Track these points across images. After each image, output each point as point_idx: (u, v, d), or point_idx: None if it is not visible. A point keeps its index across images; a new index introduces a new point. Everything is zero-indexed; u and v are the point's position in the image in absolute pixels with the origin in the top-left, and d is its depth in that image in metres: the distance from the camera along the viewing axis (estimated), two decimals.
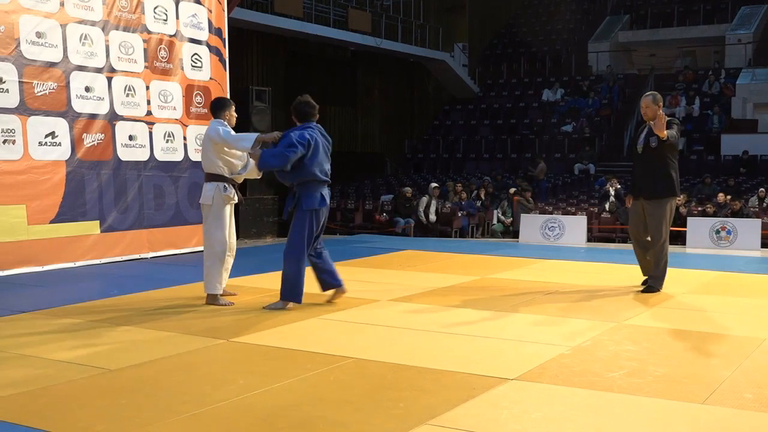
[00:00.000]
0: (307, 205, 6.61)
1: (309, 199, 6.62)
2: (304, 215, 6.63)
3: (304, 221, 6.63)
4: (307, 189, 6.62)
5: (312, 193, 6.62)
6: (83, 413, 4.02)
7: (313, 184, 6.63)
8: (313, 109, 6.86)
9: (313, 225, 6.68)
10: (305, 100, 6.88)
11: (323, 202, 6.69)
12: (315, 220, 6.68)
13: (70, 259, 9.37)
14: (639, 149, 7.75)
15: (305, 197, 6.62)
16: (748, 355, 5.21)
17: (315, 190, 6.64)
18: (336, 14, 24.04)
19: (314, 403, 4.18)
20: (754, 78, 25.13)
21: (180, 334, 5.79)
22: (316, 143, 6.64)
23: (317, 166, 6.63)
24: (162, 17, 10.63)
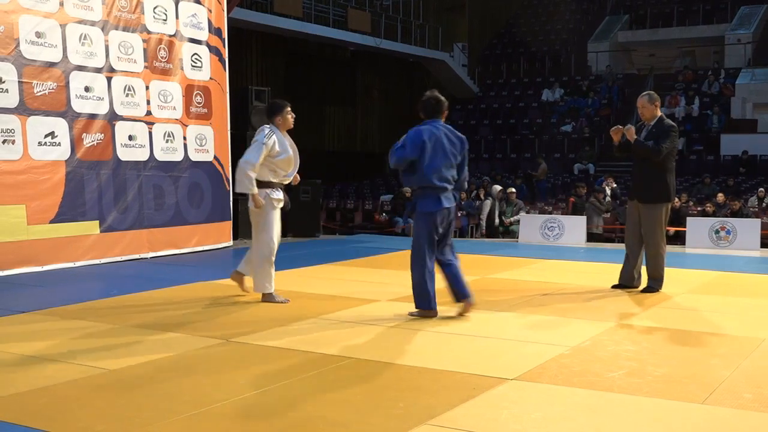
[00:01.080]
0: (422, 208, 6.26)
1: (425, 201, 6.25)
2: (420, 218, 6.27)
3: (421, 225, 6.27)
4: (424, 192, 6.27)
5: (429, 196, 6.23)
6: (83, 413, 4.03)
7: (430, 190, 6.24)
8: (440, 106, 6.44)
9: (431, 228, 6.24)
10: (434, 96, 6.47)
11: (439, 204, 6.24)
12: (433, 224, 6.23)
13: (70, 259, 9.37)
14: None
15: (421, 199, 6.27)
16: (747, 355, 5.22)
17: (432, 193, 6.24)
18: (335, 14, 24.04)
19: (314, 403, 4.18)
20: (753, 78, 25.14)
21: (180, 334, 5.79)
22: (434, 145, 6.20)
23: (435, 173, 6.21)
24: (162, 17, 10.63)
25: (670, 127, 7.64)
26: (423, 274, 6.27)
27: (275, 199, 6.96)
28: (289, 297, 7.34)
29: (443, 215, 6.28)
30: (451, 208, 6.35)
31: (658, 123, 7.70)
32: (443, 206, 6.25)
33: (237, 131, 12.25)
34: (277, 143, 6.87)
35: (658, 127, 7.66)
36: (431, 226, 6.23)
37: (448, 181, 6.28)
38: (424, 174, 6.19)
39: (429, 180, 6.19)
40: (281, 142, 6.92)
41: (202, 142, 11.22)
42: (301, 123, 26.68)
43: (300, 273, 9.01)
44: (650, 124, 7.73)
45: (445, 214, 6.29)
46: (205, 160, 11.28)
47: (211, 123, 11.41)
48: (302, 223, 13.06)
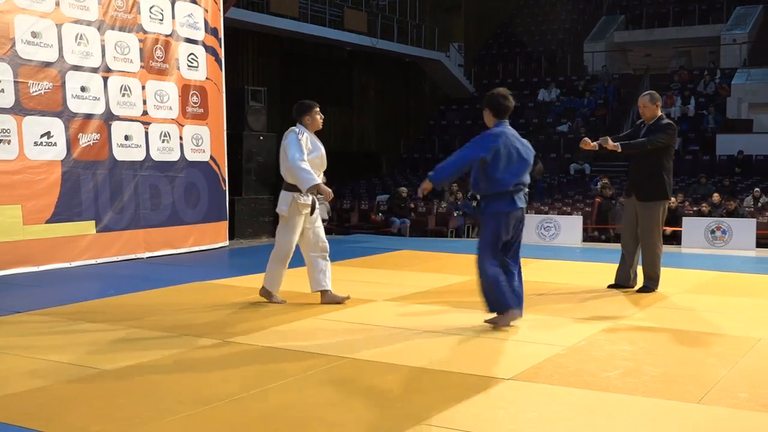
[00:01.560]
0: (494, 208, 5.86)
1: (497, 202, 5.86)
2: (491, 218, 5.88)
3: (492, 225, 5.88)
4: (497, 195, 5.89)
5: (503, 197, 5.86)
6: (79, 413, 4.02)
7: (506, 195, 5.87)
8: (511, 103, 6.05)
9: (501, 230, 5.87)
10: (503, 93, 6.04)
11: (513, 205, 5.88)
12: (504, 225, 5.88)
13: (66, 259, 9.36)
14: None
15: (494, 200, 5.88)
16: (743, 354, 5.23)
17: (507, 195, 5.88)
18: (332, 14, 24.03)
19: (310, 403, 4.18)
20: (749, 78, 25.19)
21: (176, 334, 5.78)
22: (508, 152, 5.85)
23: (512, 178, 5.85)
24: (158, 17, 10.62)
25: (666, 125, 7.65)
26: (492, 275, 5.87)
27: (302, 204, 6.75)
28: (286, 297, 7.33)
29: (516, 216, 5.93)
30: (523, 209, 5.99)
31: (656, 122, 7.71)
32: (517, 206, 5.90)
33: (233, 131, 12.25)
34: (309, 140, 6.74)
35: (657, 126, 7.67)
36: (501, 227, 5.86)
37: (524, 183, 5.95)
38: (500, 179, 5.82)
39: (505, 186, 5.83)
40: (312, 140, 6.79)
41: (199, 142, 11.21)
42: None
43: (296, 273, 8.99)
44: (649, 123, 7.74)
45: (518, 216, 5.94)
46: (202, 160, 11.28)
47: (208, 123, 11.40)
48: None
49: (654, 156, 7.59)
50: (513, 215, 5.89)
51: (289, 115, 7.06)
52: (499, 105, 6.00)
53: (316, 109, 6.90)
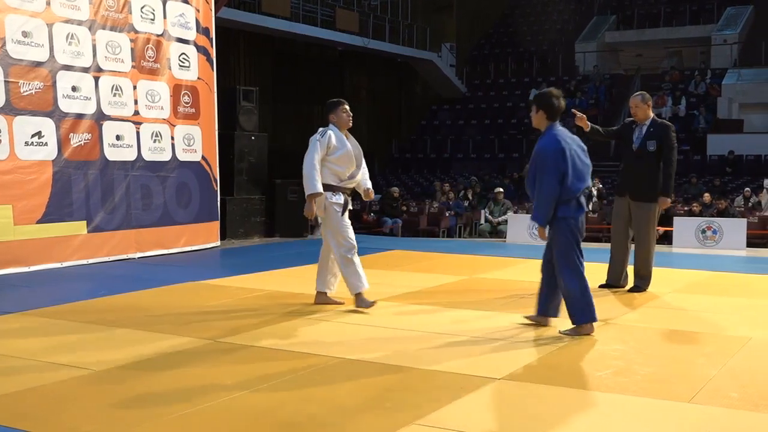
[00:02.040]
0: (564, 213, 5.65)
1: (564, 207, 5.65)
2: (563, 223, 5.67)
3: (565, 230, 5.67)
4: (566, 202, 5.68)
5: (570, 201, 5.66)
6: (70, 414, 4.01)
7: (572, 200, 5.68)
8: (564, 103, 5.83)
9: (576, 232, 5.70)
10: (556, 93, 5.81)
11: (580, 210, 5.72)
12: (576, 228, 5.71)
13: (57, 259, 9.32)
14: (634, 148, 7.74)
15: (561, 205, 5.64)
16: (733, 354, 5.25)
17: (574, 199, 5.69)
18: (323, 14, 24.03)
19: (302, 403, 4.19)
20: (739, 78, 25.28)
21: (168, 334, 5.77)
22: (572, 156, 5.63)
23: (578, 181, 5.66)
24: (149, 17, 10.60)
25: (670, 130, 7.66)
26: (581, 282, 5.66)
27: (335, 203, 6.66)
28: (277, 297, 7.34)
29: (582, 220, 5.77)
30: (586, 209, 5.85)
31: (653, 123, 7.71)
32: (584, 210, 5.75)
33: (225, 131, 12.23)
34: (333, 138, 6.64)
35: (657, 128, 7.66)
36: (575, 230, 5.69)
37: (589, 187, 5.81)
38: (570, 186, 5.61)
39: (575, 192, 5.65)
40: (339, 137, 6.69)
41: (190, 142, 11.19)
42: (288, 123, 26.86)
43: (288, 273, 9.00)
44: (645, 125, 7.72)
45: (583, 219, 5.79)
46: (193, 160, 11.26)
47: (199, 123, 11.38)
48: (290, 223, 13.05)
49: (656, 159, 7.60)
50: (581, 218, 5.74)
51: (280, 114, 7.05)
52: (554, 106, 5.75)
53: (342, 107, 6.81)
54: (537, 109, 5.78)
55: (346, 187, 6.79)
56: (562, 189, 5.58)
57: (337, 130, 6.73)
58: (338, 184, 6.73)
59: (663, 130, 7.67)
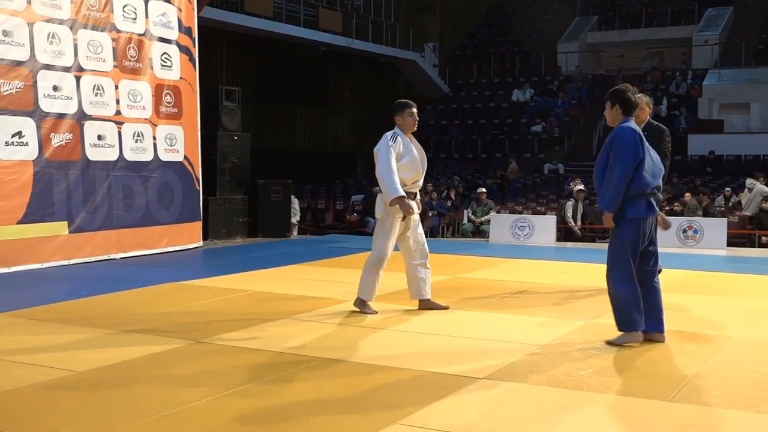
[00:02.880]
0: (632, 213, 5.40)
1: (633, 206, 5.41)
2: (628, 225, 5.42)
3: (629, 232, 5.43)
4: (633, 197, 5.45)
5: (639, 199, 5.43)
6: (50, 416, 3.99)
7: (642, 195, 5.45)
8: (634, 102, 5.63)
9: (639, 236, 5.45)
10: (631, 88, 5.64)
11: (650, 209, 5.48)
12: (641, 233, 5.46)
13: (38, 260, 9.26)
14: None
15: (629, 204, 5.41)
16: (714, 352, 5.28)
17: (643, 197, 5.45)
18: (306, 14, 24.00)
19: (284, 404, 4.18)
20: (720, 79, 25.46)
21: (149, 335, 5.75)
22: (644, 146, 5.46)
23: (651, 176, 5.45)
24: (131, 16, 10.55)
25: (664, 133, 7.66)
26: (631, 288, 5.42)
27: (395, 208, 6.40)
28: (260, 297, 7.32)
29: (651, 221, 5.55)
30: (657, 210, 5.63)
31: (648, 127, 7.68)
32: (654, 209, 5.53)
33: (207, 131, 12.20)
34: (401, 144, 6.44)
35: (651, 132, 7.64)
36: (639, 234, 5.44)
37: (659, 187, 5.54)
38: (644, 178, 5.39)
39: (649, 186, 5.42)
40: (405, 143, 6.49)
41: (172, 142, 11.15)
42: (271, 123, 26.81)
43: (271, 273, 8.99)
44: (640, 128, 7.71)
45: (653, 220, 5.57)
46: (175, 160, 11.22)
47: (182, 123, 11.34)
48: (273, 223, 13.03)
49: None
50: (650, 221, 5.51)
51: (263, 114, 7.02)
52: (631, 101, 5.56)
53: (409, 110, 6.55)
54: (612, 104, 5.60)
55: (409, 192, 6.52)
56: (636, 180, 5.36)
57: (402, 134, 6.53)
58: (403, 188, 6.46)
59: (656, 134, 7.66)
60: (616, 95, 5.59)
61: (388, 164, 6.34)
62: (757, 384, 4.53)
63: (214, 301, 7.16)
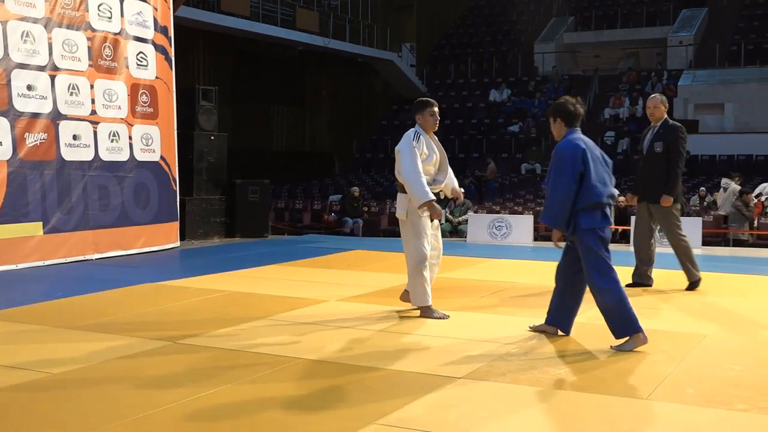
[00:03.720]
0: (588, 224, 5.38)
1: (588, 218, 5.38)
2: (588, 234, 5.40)
3: (593, 239, 5.39)
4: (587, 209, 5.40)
5: (594, 211, 5.40)
6: (25, 419, 3.95)
7: (595, 207, 5.40)
8: (581, 109, 5.62)
9: (605, 238, 5.44)
10: (572, 100, 5.64)
11: (605, 221, 5.43)
12: (602, 235, 5.43)
13: (12, 261, 9.17)
14: (644, 152, 7.85)
15: (583, 216, 5.39)
16: (689, 351, 5.33)
17: (598, 208, 5.41)
18: (283, 13, 23.96)
19: (262, 404, 4.17)
20: (694, 79, 25.68)
21: (126, 336, 5.71)
22: (593, 156, 5.41)
23: (604, 189, 5.41)
24: (106, 15, 10.48)
25: (678, 131, 7.72)
26: (619, 292, 5.41)
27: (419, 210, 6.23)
28: (238, 298, 7.30)
29: (608, 232, 5.49)
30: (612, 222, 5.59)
31: (664, 124, 7.80)
32: (609, 222, 5.48)
33: (184, 131, 12.14)
34: (424, 144, 6.28)
35: (666, 130, 7.75)
36: (604, 237, 5.42)
37: (612, 196, 5.50)
38: (593, 188, 5.34)
39: (600, 197, 5.37)
40: (428, 143, 6.33)
41: (148, 142, 11.09)
42: (248, 122, 26.73)
43: (248, 274, 8.96)
44: (656, 126, 7.82)
45: (609, 232, 5.51)
46: (152, 160, 11.15)
47: (158, 122, 11.27)
48: (250, 223, 12.99)
49: (664, 160, 7.69)
50: (608, 230, 5.47)
51: (240, 114, 6.99)
52: (571, 112, 5.55)
53: (431, 108, 6.41)
54: (554, 119, 5.61)
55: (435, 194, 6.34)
56: (584, 192, 5.35)
57: (424, 134, 6.38)
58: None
59: (671, 132, 7.75)
60: (556, 109, 5.61)
61: (414, 166, 6.15)
62: (731, 382, 4.57)
63: (192, 302, 7.12)
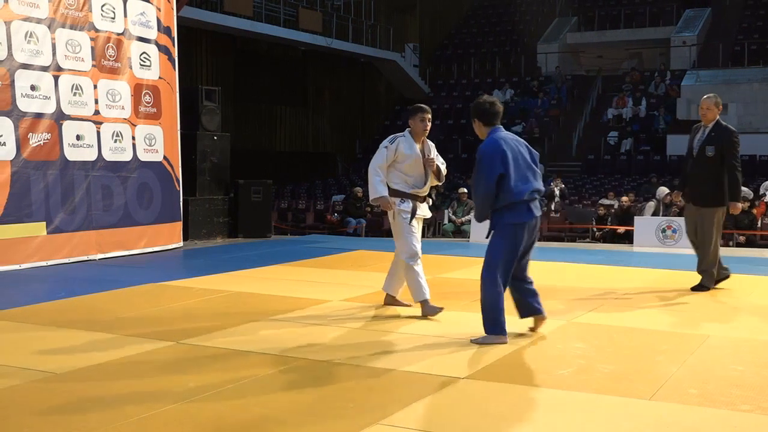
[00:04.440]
0: (509, 219, 5.42)
1: (511, 213, 5.42)
2: (505, 230, 5.45)
3: (505, 237, 5.45)
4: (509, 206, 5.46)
5: (518, 206, 5.44)
6: (28, 419, 3.96)
7: (521, 204, 5.45)
8: (498, 107, 5.65)
9: (516, 242, 5.47)
10: (488, 99, 5.66)
11: (530, 214, 5.46)
12: (520, 237, 5.46)
13: (16, 261, 9.18)
14: (693, 153, 7.76)
15: (508, 210, 5.43)
16: (692, 351, 5.32)
17: (523, 204, 5.46)
18: (286, 14, 23.96)
19: (265, 405, 4.17)
20: (698, 80, 25.64)
21: (128, 336, 5.72)
22: (515, 157, 5.46)
23: (525, 186, 5.44)
24: (110, 15, 10.49)
25: (732, 135, 7.64)
26: (497, 294, 5.47)
27: (403, 210, 6.46)
28: (241, 298, 7.30)
29: (532, 226, 5.53)
30: (539, 217, 5.61)
31: (716, 127, 7.71)
32: (534, 215, 5.49)
33: (187, 131, 12.14)
34: (403, 146, 6.43)
35: (718, 133, 7.66)
36: (516, 240, 5.45)
37: (539, 191, 5.52)
38: (513, 188, 5.39)
39: (521, 195, 5.40)
40: (410, 145, 6.46)
41: (152, 142, 11.09)
42: (251, 123, 26.73)
43: (251, 274, 8.96)
44: (708, 127, 7.73)
45: (533, 225, 5.55)
46: (155, 160, 11.15)
47: (161, 123, 11.28)
48: (253, 223, 12.99)
49: (715, 164, 7.61)
50: (530, 225, 5.49)
51: (243, 114, 7.00)
52: (486, 111, 5.61)
53: (421, 115, 6.52)
54: (473, 119, 5.72)
55: (417, 195, 6.56)
56: (504, 193, 5.39)
57: (409, 138, 6.52)
58: (408, 191, 6.53)
59: (724, 135, 7.63)
60: (473, 109, 5.68)
61: (374, 166, 6.45)
62: (734, 382, 4.57)
63: (195, 302, 7.13)
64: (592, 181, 22.51)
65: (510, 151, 5.45)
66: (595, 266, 9.76)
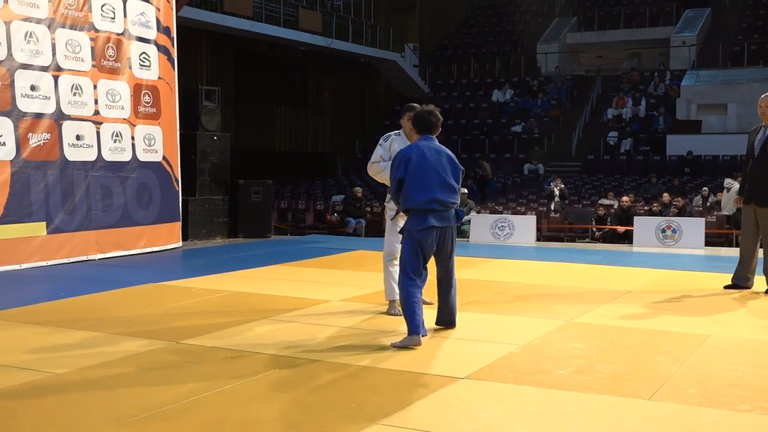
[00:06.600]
0: (409, 224, 5.67)
1: (411, 219, 5.65)
2: (406, 233, 5.69)
3: (406, 238, 5.68)
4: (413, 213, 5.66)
5: (416, 214, 5.62)
6: (27, 419, 3.96)
7: (420, 212, 5.61)
8: (435, 119, 5.79)
9: (414, 248, 5.62)
10: (428, 110, 5.83)
11: (425, 223, 5.58)
12: (417, 243, 5.61)
13: (16, 261, 9.18)
14: (755, 153, 7.64)
15: (410, 215, 5.67)
16: (692, 351, 5.33)
17: (420, 213, 5.60)
18: (286, 14, 23.95)
19: (265, 405, 4.17)
20: (697, 80, 25.64)
21: (128, 336, 5.72)
22: (419, 167, 5.58)
23: (420, 195, 5.57)
24: (109, 15, 10.49)
25: None
26: (409, 294, 5.61)
27: (389, 208, 6.62)
28: (240, 298, 7.30)
29: (436, 235, 5.66)
30: (446, 228, 5.72)
31: None
32: (429, 225, 5.59)
33: (187, 131, 12.15)
34: (396, 145, 6.45)
35: None
36: (415, 244, 5.62)
37: (440, 201, 5.60)
38: (409, 195, 5.59)
39: (415, 202, 5.58)
40: (402, 144, 6.41)
41: (151, 142, 11.09)
42: (251, 123, 26.75)
43: (251, 274, 8.96)
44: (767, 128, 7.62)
45: (438, 234, 5.67)
46: (154, 160, 11.16)
47: (160, 123, 11.28)
48: (253, 223, 12.99)
49: None
50: (426, 233, 5.61)
51: (243, 114, 7.00)
52: (423, 120, 5.82)
53: (409, 114, 6.49)
54: (412, 125, 6.01)
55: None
56: (402, 197, 5.65)
57: (403, 136, 6.58)
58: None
59: None
60: (414, 116, 5.96)
61: (373, 158, 6.67)
62: (734, 382, 4.57)
63: (194, 302, 7.13)
64: (591, 181, 22.52)
65: (418, 159, 5.60)
66: (595, 266, 9.77)
